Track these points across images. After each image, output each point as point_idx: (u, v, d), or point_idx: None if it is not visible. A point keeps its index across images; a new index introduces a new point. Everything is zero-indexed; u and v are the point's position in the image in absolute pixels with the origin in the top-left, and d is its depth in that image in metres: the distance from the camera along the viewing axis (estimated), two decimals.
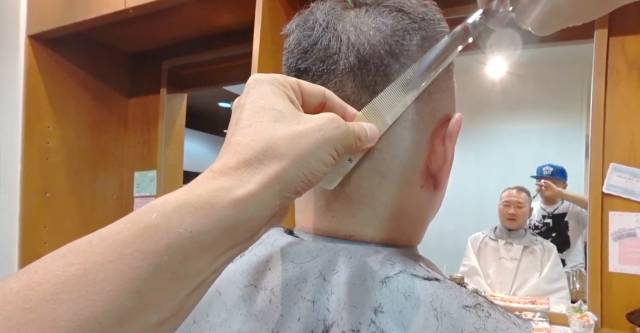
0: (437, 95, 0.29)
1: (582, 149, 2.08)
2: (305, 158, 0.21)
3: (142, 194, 1.79)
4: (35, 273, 0.16)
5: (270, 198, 0.20)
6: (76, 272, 0.16)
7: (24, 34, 1.47)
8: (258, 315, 0.26)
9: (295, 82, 0.24)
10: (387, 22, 0.27)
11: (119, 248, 0.16)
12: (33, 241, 1.51)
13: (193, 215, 0.18)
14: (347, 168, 0.27)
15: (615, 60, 1.13)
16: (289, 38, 0.30)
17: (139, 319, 0.16)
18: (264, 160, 0.21)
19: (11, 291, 0.15)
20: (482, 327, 0.24)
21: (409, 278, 0.26)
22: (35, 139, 1.50)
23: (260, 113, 0.22)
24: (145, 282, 0.16)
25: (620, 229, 1.09)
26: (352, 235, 0.29)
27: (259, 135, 0.21)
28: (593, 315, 1.04)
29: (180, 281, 0.18)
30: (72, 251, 0.17)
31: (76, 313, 0.15)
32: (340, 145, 0.23)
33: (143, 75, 1.81)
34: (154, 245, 0.17)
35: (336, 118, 0.23)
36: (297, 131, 0.22)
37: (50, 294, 0.15)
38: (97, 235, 0.17)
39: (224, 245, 0.19)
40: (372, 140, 0.26)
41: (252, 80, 0.24)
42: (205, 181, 0.20)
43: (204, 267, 0.18)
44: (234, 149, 0.21)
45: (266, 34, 1.09)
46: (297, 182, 0.21)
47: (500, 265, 1.56)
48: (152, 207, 0.18)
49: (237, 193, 0.19)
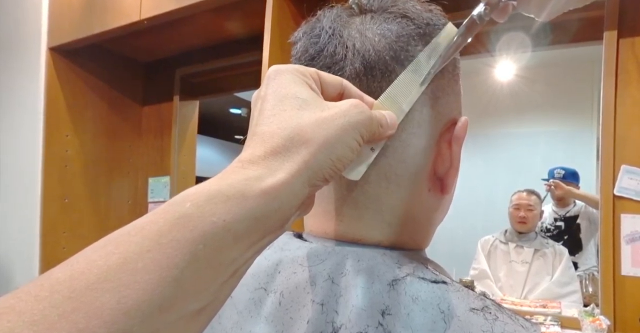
0: (443, 99, 0.29)
1: (593, 151, 2.05)
2: (332, 143, 0.21)
3: (156, 200, 1.82)
4: (78, 263, 0.16)
5: (299, 187, 0.20)
6: (117, 261, 0.16)
7: (45, 47, 1.53)
8: (268, 317, 0.27)
9: (314, 71, 0.24)
10: (392, 28, 0.27)
11: (156, 237, 0.17)
12: (53, 245, 1.55)
13: (225, 204, 0.18)
14: (370, 158, 0.26)
15: (625, 61, 1.12)
16: (296, 45, 0.30)
17: (177, 307, 0.17)
18: (292, 148, 0.20)
19: (57, 280, 0.15)
20: (489, 329, 0.24)
21: (416, 281, 0.26)
22: (55, 147, 1.55)
23: (283, 102, 0.22)
24: (183, 271, 0.17)
25: (632, 232, 1.08)
26: (360, 239, 0.29)
27: (284, 123, 0.21)
28: (605, 319, 1.02)
29: (215, 270, 0.18)
30: (112, 242, 0.17)
31: (119, 302, 0.15)
32: (365, 130, 0.23)
33: (156, 83, 1.85)
34: (190, 234, 0.17)
35: (359, 103, 0.23)
36: (322, 117, 0.22)
37: (94, 283, 0.15)
38: (133, 226, 0.17)
39: (255, 234, 0.19)
40: (392, 127, 0.26)
41: (271, 71, 0.24)
42: (235, 170, 0.20)
43: (237, 256, 0.18)
44: (260, 138, 0.21)
45: (275, 42, 1.11)
46: (325, 168, 0.21)
47: (511, 268, 1.54)
48: (185, 197, 0.18)
49: (267, 182, 0.19)
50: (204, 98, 1.97)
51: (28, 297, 0.15)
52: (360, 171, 0.26)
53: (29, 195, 1.55)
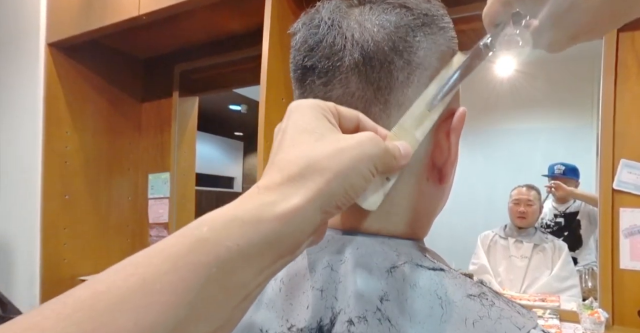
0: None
1: (593, 147, 2.05)
2: (346, 173, 0.22)
3: (156, 196, 1.83)
4: (100, 282, 0.17)
5: (312, 213, 0.21)
6: (136, 282, 0.17)
7: (43, 43, 1.53)
8: (269, 303, 0.27)
9: (333, 106, 0.25)
10: (390, 19, 0.27)
11: (173, 260, 0.17)
12: (54, 242, 1.56)
13: (240, 229, 0.19)
14: (387, 188, 0.27)
15: (624, 55, 1.12)
16: (295, 36, 0.30)
17: (189, 330, 0.17)
18: (307, 175, 0.21)
19: (80, 299, 0.16)
20: (486, 315, 0.24)
21: (414, 268, 0.26)
22: (55, 143, 1.56)
23: (302, 134, 0.23)
24: (197, 294, 0.17)
25: (631, 226, 1.08)
26: (358, 228, 0.29)
27: (302, 153, 0.22)
28: (604, 312, 1.03)
29: (228, 293, 0.18)
30: (132, 263, 0.18)
31: (136, 323, 0.16)
32: (380, 161, 0.24)
33: (156, 79, 1.85)
34: (205, 257, 0.18)
35: (375, 136, 0.24)
36: (338, 148, 0.22)
37: (114, 304, 0.16)
38: (154, 248, 0.18)
39: (268, 258, 0.20)
40: (407, 157, 0.26)
41: (293, 105, 0.25)
42: (252, 196, 0.21)
43: (249, 280, 0.19)
44: (277, 166, 0.22)
45: (275, 37, 1.11)
46: (338, 196, 0.22)
47: (510, 263, 1.55)
48: (203, 222, 0.19)
49: (281, 207, 0.20)
50: (203, 94, 1.97)
51: (52, 314, 0.16)
52: (376, 202, 0.27)
53: (29, 191, 1.55)
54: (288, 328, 0.26)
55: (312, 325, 0.25)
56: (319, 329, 0.25)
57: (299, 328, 0.26)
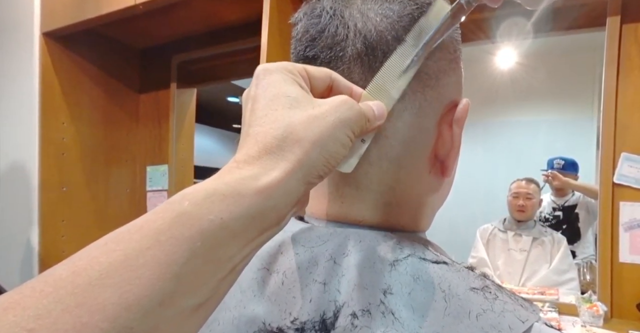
0: (444, 80, 0.29)
1: (593, 140, 2.05)
2: (324, 141, 0.22)
3: (155, 188, 1.82)
4: (80, 260, 0.17)
5: (294, 185, 0.21)
6: (118, 258, 0.16)
7: (38, 32, 1.50)
8: (271, 296, 0.27)
9: (302, 68, 0.25)
10: (393, 8, 0.27)
11: (155, 235, 0.17)
12: (52, 234, 1.55)
13: (222, 203, 0.18)
14: (362, 150, 0.26)
15: (628, 47, 1.11)
16: (296, 26, 0.30)
17: (177, 303, 0.17)
18: (285, 147, 0.21)
19: (61, 277, 0.16)
20: (489, 308, 0.24)
21: (417, 261, 0.26)
22: (51, 135, 1.54)
23: (274, 101, 0.22)
24: (182, 267, 0.17)
25: (631, 219, 1.08)
26: (361, 220, 0.29)
27: (276, 122, 0.22)
28: (602, 305, 1.04)
29: (214, 266, 0.18)
30: (112, 239, 0.17)
31: (121, 297, 0.16)
32: (356, 125, 0.23)
33: (153, 70, 1.83)
34: (188, 231, 0.17)
35: (348, 99, 0.24)
36: (313, 115, 0.22)
37: (96, 279, 0.16)
38: (133, 225, 0.18)
39: (252, 232, 0.19)
40: (381, 118, 0.26)
41: (260, 70, 0.24)
42: (231, 170, 0.20)
43: (234, 253, 0.19)
44: (253, 138, 0.22)
45: (274, 27, 1.09)
46: (319, 166, 0.22)
47: (509, 256, 1.55)
48: (184, 196, 0.19)
49: (262, 181, 0.20)
50: (201, 86, 1.95)
51: (32, 293, 0.15)
52: (352, 164, 0.26)
53: (27, 183, 1.54)
54: (291, 321, 0.26)
55: (315, 319, 0.25)
56: (322, 322, 0.25)
57: (302, 322, 0.25)
